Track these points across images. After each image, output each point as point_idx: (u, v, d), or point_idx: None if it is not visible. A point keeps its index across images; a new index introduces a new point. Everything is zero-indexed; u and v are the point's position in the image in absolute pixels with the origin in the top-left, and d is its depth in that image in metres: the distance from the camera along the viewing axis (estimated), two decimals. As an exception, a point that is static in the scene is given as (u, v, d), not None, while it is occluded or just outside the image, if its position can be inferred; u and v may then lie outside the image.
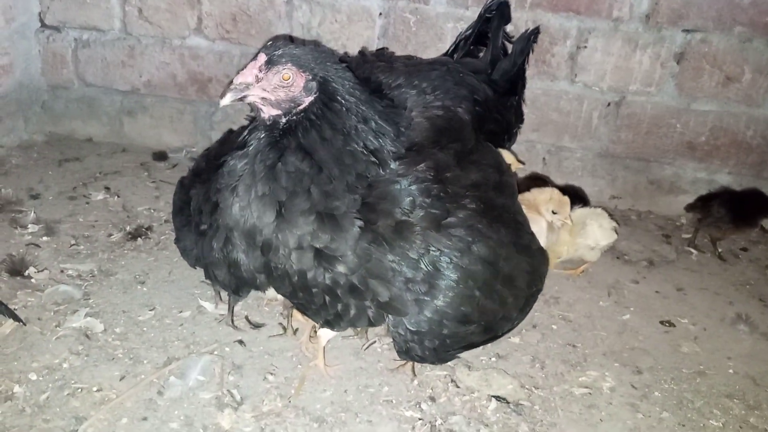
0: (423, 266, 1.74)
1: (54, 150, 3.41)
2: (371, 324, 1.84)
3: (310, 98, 1.70)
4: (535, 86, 3.11)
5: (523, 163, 2.74)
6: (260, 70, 1.66)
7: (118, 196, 2.96)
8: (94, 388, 1.82)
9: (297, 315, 2.18)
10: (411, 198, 1.76)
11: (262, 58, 1.68)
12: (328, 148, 1.70)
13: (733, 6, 2.91)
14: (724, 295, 2.62)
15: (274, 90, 1.67)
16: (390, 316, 1.78)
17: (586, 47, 3.09)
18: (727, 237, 2.98)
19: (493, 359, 2.10)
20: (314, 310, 1.82)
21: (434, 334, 1.78)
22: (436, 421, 1.81)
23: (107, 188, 3.03)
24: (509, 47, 2.70)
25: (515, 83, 2.61)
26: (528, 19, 3.04)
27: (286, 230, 1.68)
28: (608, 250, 2.69)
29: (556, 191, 2.46)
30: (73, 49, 3.47)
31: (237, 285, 1.92)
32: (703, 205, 2.99)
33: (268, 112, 1.71)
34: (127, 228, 2.69)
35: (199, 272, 2.27)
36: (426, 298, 1.74)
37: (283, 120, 1.71)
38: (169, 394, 1.82)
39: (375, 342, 2.13)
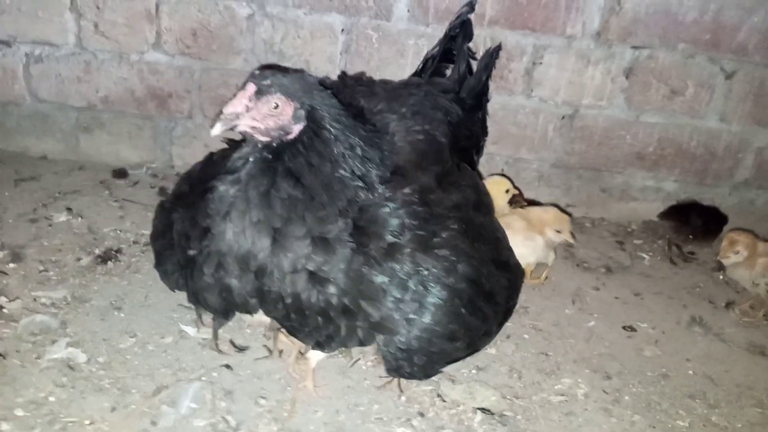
0: (412, 286, 1.81)
1: (7, 168, 3.30)
2: (361, 344, 1.90)
3: (299, 126, 1.74)
4: (494, 101, 3.21)
5: (517, 189, 2.85)
6: (250, 100, 1.70)
7: (82, 218, 2.90)
8: (86, 421, 1.80)
9: (282, 337, 2.21)
10: (399, 221, 1.83)
11: (252, 87, 1.71)
12: (317, 174, 1.75)
13: (676, 24, 3.10)
14: (677, 299, 2.81)
15: (263, 119, 1.71)
16: (381, 335, 1.83)
17: (541, 63, 3.23)
18: (692, 244, 3.19)
19: (474, 371, 2.19)
20: (306, 333, 1.86)
21: (423, 351, 1.85)
22: (427, 437, 1.87)
23: (69, 209, 2.96)
24: (473, 64, 2.79)
25: (481, 99, 2.72)
26: (486, 36, 3.15)
27: (281, 254, 1.72)
28: (568, 257, 2.84)
29: (557, 210, 2.68)
30: (25, 64, 3.37)
31: (227, 309, 1.94)
32: (679, 214, 3.18)
33: (258, 140, 1.74)
34: (96, 251, 2.65)
35: (177, 295, 2.28)
36: (415, 317, 1.82)
37: (273, 145, 1.74)
38: (163, 423, 1.82)
39: (359, 359, 2.18)
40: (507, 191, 2.77)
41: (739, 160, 3.39)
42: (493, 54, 2.75)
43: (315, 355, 2.01)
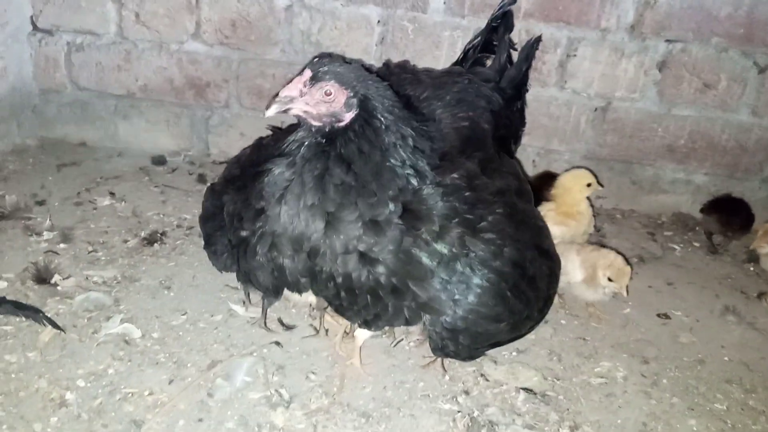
0: (459, 268, 1.86)
1: (49, 155, 3.39)
2: (407, 323, 1.95)
3: (351, 114, 1.79)
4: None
5: (602, 185, 2.88)
6: (305, 85, 1.75)
7: (125, 202, 2.98)
8: (146, 392, 1.87)
9: (328, 317, 2.27)
10: (449, 205, 1.88)
11: (308, 73, 1.76)
12: (367, 162, 1.78)
13: (710, 18, 3.13)
14: (710, 288, 2.84)
15: (316, 104, 1.75)
16: (427, 315, 1.89)
17: (575, 56, 3.26)
18: (734, 239, 3.22)
19: (514, 353, 2.24)
20: (355, 311, 1.92)
21: (469, 332, 1.90)
22: (473, 413, 1.93)
23: (112, 193, 3.04)
24: (513, 55, 2.84)
25: (520, 89, 2.76)
26: (521, 28, 3.20)
27: (334, 236, 1.77)
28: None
29: (618, 258, 2.45)
30: (66, 52, 3.45)
31: (278, 288, 2.00)
32: (721, 209, 3.21)
33: (311, 124, 1.79)
34: (141, 234, 2.72)
35: (223, 276, 2.36)
36: (462, 297, 1.86)
37: (326, 130, 1.79)
38: (219, 395, 1.89)
39: (402, 339, 2.24)
40: (589, 185, 2.74)
41: (770, 154, 3.41)
42: (534, 45, 2.80)
43: (362, 334, 2.06)
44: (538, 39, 2.85)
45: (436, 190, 1.89)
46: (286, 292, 2.08)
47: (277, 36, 3.35)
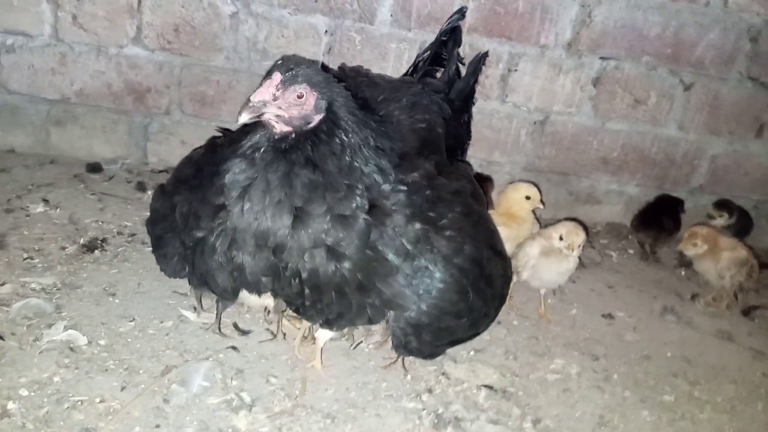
0: (423, 264, 1.87)
1: (-26, 161, 3.18)
2: (369, 322, 1.95)
3: (319, 116, 1.78)
4: (471, 105, 3.34)
5: (543, 204, 2.91)
6: (277, 89, 1.72)
7: (60, 209, 2.83)
8: (97, 400, 1.76)
9: (285, 321, 2.23)
10: (412, 201, 1.89)
11: (278, 77, 1.74)
12: (336, 163, 1.78)
13: (641, 38, 3.32)
14: (647, 291, 2.97)
15: (288, 108, 1.74)
16: (391, 311, 1.88)
17: (516, 70, 3.38)
18: (664, 245, 3.37)
19: (472, 353, 2.26)
20: (318, 310, 1.89)
21: (431, 327, 1.91)
22: (438, 410, 1.93)
23: (45, 200, 2.88)
24: (461, 68, 2.91)
25: (467, 102, 2.83)
26: (465, 42, 3.27)
27: (302, 231, 1.74)
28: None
29: (571, 222, 2.57)
30: (-5, 54, 3.27)
31: (236, 289, 1.95)
32: (651, 221, 3.33)
33: (279, 129, 1.77)
34: (80, 240, 2.59)
35: (171, 283, 2.27)
36: (426, 293, 1.88)
37: (293, 136, 1.78)
38: (176, 401, 1.81)
39: (362, 342, 2.22)
40: (528, 198, 2.75)
41: (695, 167, 3.63)
42: (481, 60, 2.88)
43: (323, 335, 2.03)
44: (485, 54, 2.94)
45: (400, 188, 1.90)
46: (241, 295, 2.03)
47: (222, 42, 3.30)
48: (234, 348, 2.07)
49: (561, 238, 2.45)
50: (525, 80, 3.40)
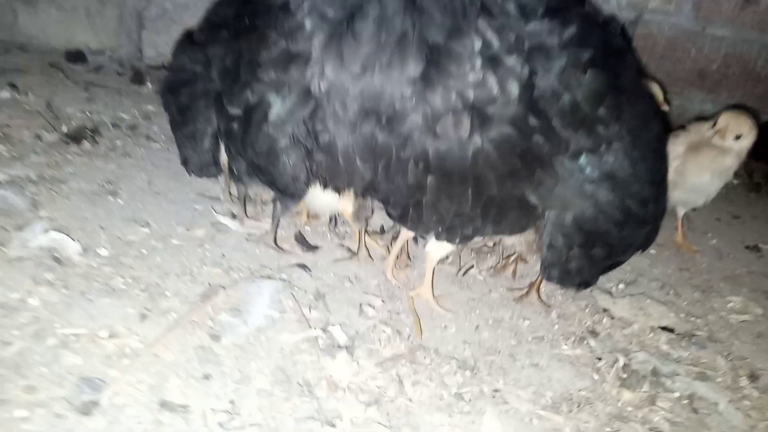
0: (606, 137, 1.23)
1: None
2: (511, 229, 1.28)
3: None
4: None
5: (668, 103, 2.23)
6: None
7: (33, 95, 2.09)
8: (102, 333, 1.07)
9: (367, 237, 1.56)
10: (588, 47, 1.22)
11: None
12: None
13: None
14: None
15: None
16: (550, 211, 1.22)
17: (609, -47, 2.69)
18: None
19: (621, 286, 1.62)
20: (439, 213, 1.23)
21: (609, 236, 1.29)
22: (617, 360, 1.28)
23: (12, 85, 2.14)
24: None
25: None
26: None
27: (437, 85, 1.06)
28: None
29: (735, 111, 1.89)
30: None
31: (309, 180, 1.26)
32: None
33: None
34: (63, 129, 1.86)
35: (193, 184, 1.60)
36: (607, 183, 1.22)
37: None
38: (230, 338, 1.13)
39: (472, 267, 1.56)
40: None
41: (811, 85, 3.00)
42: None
43: (436, 250, 1.36)
44: None
45: (570, 27, 1.22)
46: (309, 195, 1.36)
47: None
48: (303, 267, 1.39)
49: (714, 125, 1.80)
50: (618, -33, 2.71)
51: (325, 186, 1.33)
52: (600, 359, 1.29)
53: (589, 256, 1.31)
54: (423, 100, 1.10)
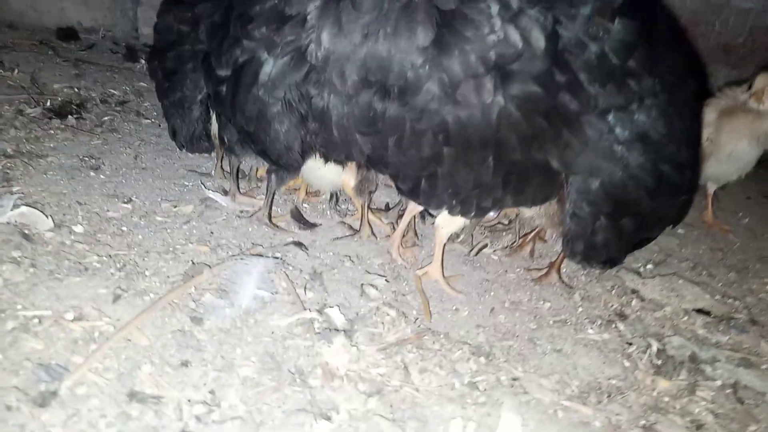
0: (638, 93, 1.08)
1: None
2: (532, 200, 1.15)
3: None
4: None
5: None
6: None
7: (19, 71, 1.97)
8: (68, 315, 0.94)
9: (370, 214, 1.42)
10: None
11: None
12: None
13: None
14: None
15: None
16: (575, 177, 1.08)
17: None
18: None
19: (650, 266, 1.48)
20: (454, 185, 1.09)
21: (641, 205, 1.14)
22: (650, 345, 1.13)
23: (-2, 62, 2.01)
24: None
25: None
26: None
27: (455, 51, 0.93)
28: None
29: None
30: None
31: (304, 151, 1.13)
32: None
33: None
34: (47, 103, 1.74)
35: (183, 160, 1.48)
36: (627, 150, 1.08)
37: None
38: (214, 321, 1.00)
39: (486, 246, 1.42)
40: None
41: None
42: None
43: (448, 225, 1.22)
44: None
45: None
46: (307, 168, 1.23)
47: None
48: (299, 245, 1.26)
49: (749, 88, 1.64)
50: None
51: (324, 158, 1.20)
52: (630, 344, 1.15)
53: (617, 227, 1.17)
54: (438, 68, 0.98)
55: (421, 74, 0.99)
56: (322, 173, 1.31)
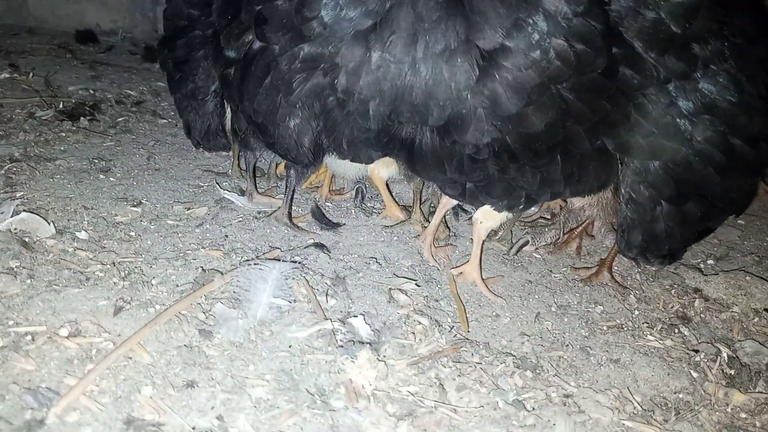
0: (698, 76, 0.93)
1: None
2: (593, 187, 1.02)
3: None
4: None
5: None
6: None
7: (34, 75, 1.91)
8: (63, 331, 0.85)
9: (395, 209, 1.30)
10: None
11: None
12: None
13: None
14: None
15: None
16: (632, 159, 0.94)
17: None
18: None
19: (711, 261, 1.32)
20: (516, 186, 0.97)
21: (710, 186, 0.99)
22: (721, 354, 0.99)
23: (13, 66, 1.98)
24: None
25: None
26: None
27: (504, 84, 0.83)
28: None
29: None
30: None
31: (318, 148, 1.03)
32: None
33: None
34: (60, 105, 1.67)
35: (199, 160, 1.38)
36: (693, 124, 0.93)
37: None
38: (224, 334, 0.89)
39: (527, 243, 1.28)
40: None
41: None
42: None
43: (487, 221, 1.10)
44: None
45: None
46: (331, 162, 1.13)
47: None
48: (321, 246, 1.14)
49: None
50: None
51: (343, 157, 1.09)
52: (697, 351, 1.01)
53: (680, 213, 1.04)
54: (486, 103, 0.87)
55: (466, 114, 0.88)
56: (345, 167, 1.20)
